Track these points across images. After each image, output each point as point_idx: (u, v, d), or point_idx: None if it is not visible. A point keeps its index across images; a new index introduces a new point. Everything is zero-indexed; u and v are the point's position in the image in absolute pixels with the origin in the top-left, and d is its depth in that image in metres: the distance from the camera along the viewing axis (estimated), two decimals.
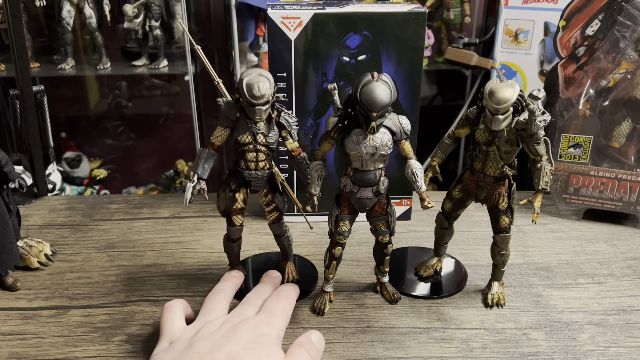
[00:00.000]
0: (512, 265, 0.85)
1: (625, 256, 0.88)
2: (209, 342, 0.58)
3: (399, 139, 0.67)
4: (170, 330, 0.63)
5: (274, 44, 0.85)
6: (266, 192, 0.73)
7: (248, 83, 0.64)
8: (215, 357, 0.56)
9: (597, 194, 0.98)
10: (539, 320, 0.73)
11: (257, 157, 0.69)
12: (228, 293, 0.71)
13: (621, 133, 0.97)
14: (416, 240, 0.92)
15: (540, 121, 0.63)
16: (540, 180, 0.67)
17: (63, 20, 1.90)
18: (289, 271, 0.80)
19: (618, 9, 0.93)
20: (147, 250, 0.89)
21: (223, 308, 0.67)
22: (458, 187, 0.75)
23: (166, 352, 0.59)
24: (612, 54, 0.94)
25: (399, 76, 0.88)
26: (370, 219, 0.72)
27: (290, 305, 0.69)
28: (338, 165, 0.94)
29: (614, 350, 0.67)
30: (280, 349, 0.61)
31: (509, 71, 1.58)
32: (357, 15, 0.84)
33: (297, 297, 0.72)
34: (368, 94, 0.61)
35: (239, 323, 0.61)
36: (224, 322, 0.62)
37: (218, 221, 0.97)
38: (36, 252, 0.83)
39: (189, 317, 0.68)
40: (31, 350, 0.67)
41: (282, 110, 0.69)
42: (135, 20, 1.90)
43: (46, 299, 0.77)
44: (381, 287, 0.77)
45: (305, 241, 0.91)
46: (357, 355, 0.66)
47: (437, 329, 0.71)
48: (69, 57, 1.96)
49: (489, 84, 0.65)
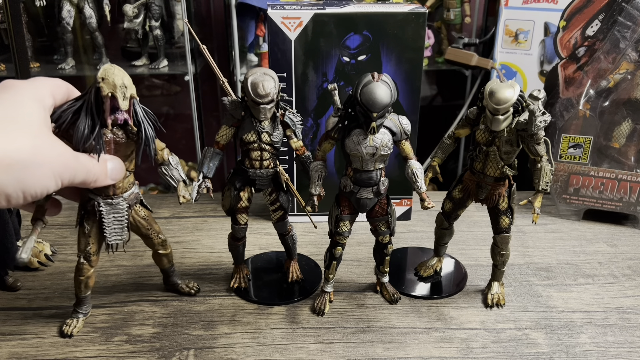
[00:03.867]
0: (512, 265, 0.85)
1: (625, 256, 0.88)
2: None
3: (399, 139, 0.67)
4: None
5: (275, 44, 0.85)
6: (270, 190, 0.74)
7: (253, 82, 0.64)
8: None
9: (597, 194, 0.98)
10: (539, 320, 0.73)
11: (261, 156, 0.69)
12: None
13: (621, 133, 0.97)
14: (416, 240, 0.92)
15: (541, 121, 0.63)
16: (540, 180, 0.68)
17: (63, 20, 1.89)
18: (293, 270, 0.80)
19: (618, 10, 0.93)
20: (147, 250, 0.88)
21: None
22: (458, 187, 0.75)
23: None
24: (612, 55, 0.94)
25: (399, 76, 0.88)
26: (371, 219, 0.72)
27: None
28: (338, 165, 0.94)
29: (613, 351, 0.67)
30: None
31: (509, 71, 1.58)
32: (357, 16, 0.84)
33: None
34: (368, 94, 0.61)
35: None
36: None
37: (218, 221, 0.98)
38: (36, 252, 0.83)
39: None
40: (31, 350, 0.67)
41: (286, 109, 0.69)
42: (135, 20, 1.90)
43: (46, 299, 0.77)
44: (381, 287, 0.77)
45: (306, 241, 0.91)
46: (357, 355, 0.66)
47: (437, 329, 0.71)
48: (69, 57, 1.96)
49: (489, 84, 0.65)
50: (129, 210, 0.67)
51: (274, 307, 0.75)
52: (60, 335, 0.70)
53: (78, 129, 0.58)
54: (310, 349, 0.67)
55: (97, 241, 0.68)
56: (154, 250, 0.74)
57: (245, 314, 0.73)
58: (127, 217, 0.67)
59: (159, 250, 0.74)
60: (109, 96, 0.58)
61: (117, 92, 0.58)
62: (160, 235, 0.73)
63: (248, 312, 0.74)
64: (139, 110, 0.61)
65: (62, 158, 0.53)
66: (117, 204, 0.66)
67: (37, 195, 0.51)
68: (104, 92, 0.57)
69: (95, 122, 0.58)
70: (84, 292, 0.70)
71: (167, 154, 0.67)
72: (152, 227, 0.71)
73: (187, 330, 0.70)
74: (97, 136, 0.58)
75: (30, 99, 0.52)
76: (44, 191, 0.52)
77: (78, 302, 0.71)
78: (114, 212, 0.66)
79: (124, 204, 0.66)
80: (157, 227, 0.72)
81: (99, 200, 0.65)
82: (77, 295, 0.70)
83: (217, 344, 0.68)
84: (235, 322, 0.72)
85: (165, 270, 0.77)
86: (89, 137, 0.58)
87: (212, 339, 0.69)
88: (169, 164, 0.67)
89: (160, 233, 0.73)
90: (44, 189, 0.51)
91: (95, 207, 0.65)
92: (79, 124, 0.58)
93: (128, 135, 0.62)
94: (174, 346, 0.68)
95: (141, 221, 0.70)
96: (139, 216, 0.69)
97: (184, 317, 0.73)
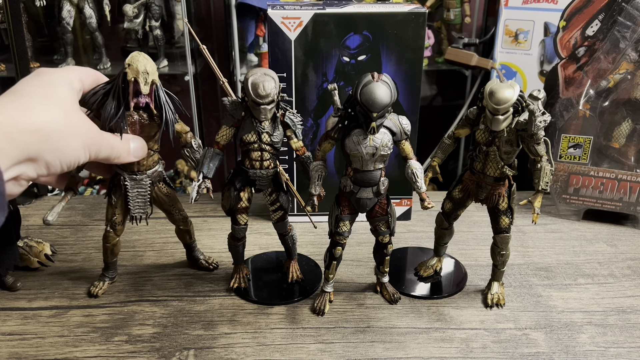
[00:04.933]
0: (512, 265, 0.85)
1: (625, 256, 0.88)
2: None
3: (399, 139, 0.67)
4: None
5: (275, 44, 0.85)
6: (270, 191, 0.74)
7: (253, 82, 0.64)
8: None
9: (597, 194, 0.98)
10: (538, 320, 0.73)
11: (261, 156, 0.69)
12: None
13: (621, 133, 0.97)
14: (416, 240, 0.92)
15: (541, 121, 0.63)
16: (540, 180, 0.68)
17: (63, 20, 1.90)
18: (293, 270, 0.80)
19: (618, 10, 0.93)
20: (147, 250, 0.89)
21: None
22: (458, 187, 0.75)
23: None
24: (612, 55, 0.94)
25: (399, 76, 0.88)
26: (371, 219, 0.72)
27: None
28: (338, 165, 0.94)
29: (613, 351, 0.67)
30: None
31: (509, 71, 1.58)
32: (357, 16, 0.84)
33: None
34: (368, 94, 0.61)
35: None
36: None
37: (218, 221, 0.98)
38: (36, 252, 0.83)
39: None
40: (31, 350, 0.67)
41: (287, 110, 0.69)
42: (135, 20, 1.90)
43: (46, 299, 0.77)
44: (381, 287, 0.78)
45: (306, 241, 0.91)
46: (357, 355, 0.66)
47: (437, 329, 0.71)
48: (69, 57, 1.96)
49: (489, 84, 0.65)
50: (151, 186, 0.73)
51: (274, 307, 0.75)
52: (88, 295, 0.77)
53: (105, 109, 0.64)
54: (310, 349, 0.67)
55: (122, 212, 0.74)
56: (177, 226, 0.80)
57: (245, 314, 0.74)
58: (150, 192, 0.73)
59: (180, 226, 0.80)
60: (132, 81, 0.64)
61: (139, 77, 0.64)
62: (182, 212, 0.78)
63: (248, 312, 0.74)
64: (161, 95, 0.67)
65: (89, 132, 0.59)
66: (140, 179, 0.72)
67: (71, 164, 0.57)
68: (128, 76, 0.64)
69: (121, 103, 0.65)
70: (111, 258, 0.78)
71: (190, 137, 0.73)
72: (174, 204, 0.77)
73: (187, 330, 0.70)
74: (121, 116, 0.65)
75: (62, 82, 0.59)
76: (76, 161, 0.58)
77: (106, 267, 0.78)
78: (138, 187, 0.72)
79: (147, 180, 0.72)
80: (180, 204, 0.78)
81: (124, 175, 0.71)
82: (105, 261, 0.78)
83: (217, 344, 0.68)
84: (235, 322, 0.72)
85: (188, 245, 0.82)
86: (114, 116, 0.64)
87: (212, 339, 0.69)
88: (191, 146, 0.73)
89: (182, 210, 0.78)
90: (77, 158, 0.58)
91: (121, 181, 0.72)
92: (106, 105, 0.64)
93: (152, 118, 0.68)
94: (174, 346, 0.68)
95: (164, 197, 0.76)
96: (162, 193, 0.75)
97: (184, 317, 0.73)
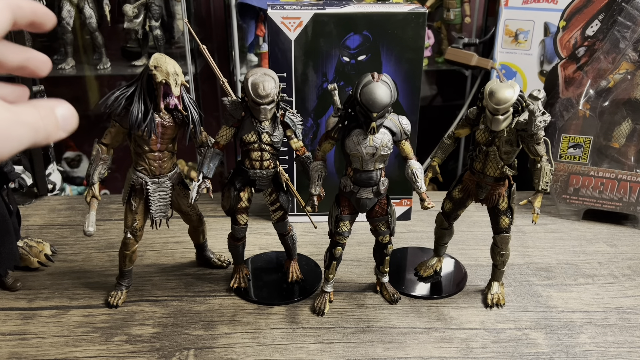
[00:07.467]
0: (512, 265, 0.85)
1: (625, 256, 0.88)
2: None
3: (399, 140, 0.67)
4: None
5: (275, 44, 0.85)
6: (270, 191, 0.74)
7: (253, 82, 0.64)
8: None
9: (597, 194, 0.98)
10: (538, 320, 0.73)
11: (261, 156, 0.69)
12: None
13: (621, 133, 0.97)
14: (416, 240, 0.92)
15: (541, 121, 0.63)
16: (540, 180, 0.68)
17: (63, 20, 1.89)
18: (293, 270, 0.80)
19: (618, 10, 0.93)
20: (147, 250, 0.89)
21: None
22: (458, 187, 0.75)
23: None
24: (612, 55, 0.94)
25: (399, 76, 0.88)
26: (371, 219, 0.72)
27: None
28: (338, 165, 0.94)
29: (613, 351, 0.67)
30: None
31: (509, 71, 1.58)
32: (357, 16, 0.84)
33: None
34: (368, 94, 0.61)
35: None
36: None
37: (218, 221, 0.98)
38: (36, 252, 0.83)
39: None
40: (31, 350, 0.67)
41: (287, 110, 0.69)
42: (135, 20, 1.90)
43: (46, 299, 0.77)
44: (381, 287, 0.77)
45: (306, 241, 0.91)
46: (357, 355, 0.66)
47: (437, 329, 0.71)
48: (69, 57, 1.96)
49: (489, 84, 0.65)
50: (172, 189, 0.73)
51: (274, 307, 0.75)
52: (107, 306, 0.75)
53: (132, 113, 0.64)
54: (310, 349, 0.67)
55: (143, 217, 0.73)
56: (191, 226, 0.80)
57: (245, 314, 0.74)
58: (171, 195, 0.73)
59: (196, 225, 0.80)
60: (162, 83, 0.63)
61: (170, 79, 0.63)
62: (197, 212, 0.79)
63: (248, 312, 0.74)
64: (185, 96, 0.67)
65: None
66: (162, 182, 0.71)
67: None
68: (157, 79, 0.63)
69: (148, 106, 0.64)
70: (128, 266, 0.75)
71: (206, 137, 0.73)
72: (192, 205, 0.77)
73: (187, 330, 0.70)
74: (150, 120, 0.64)
75: None
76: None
77: (121, 276, 0.76)
78: (160, 190, 0.72)
79: (168, 183, 0.72)
80: (196, 205, 0.78)
81: (146, 179, 0.70)
82: (121, 269, 0.76)
83: (217, 344, 0.68)
84: (235, 322, 0.72)
85: (200, 245, 0.83)
86: (142, 120, 0.64)
87: (212, 339, 0.69)
88: (208, 145, 0.72)
89: (197, 209, 0.79)
90: None
91: (143, 186, 0.70)
92: (132, 109, 0.63)
93: (174, 119, 0.68)
94: (174, 346, 0.68)
95: (182, 199, 0.76)
96: (180, 195, 0.76)
97: (184, 317, 0.73)
